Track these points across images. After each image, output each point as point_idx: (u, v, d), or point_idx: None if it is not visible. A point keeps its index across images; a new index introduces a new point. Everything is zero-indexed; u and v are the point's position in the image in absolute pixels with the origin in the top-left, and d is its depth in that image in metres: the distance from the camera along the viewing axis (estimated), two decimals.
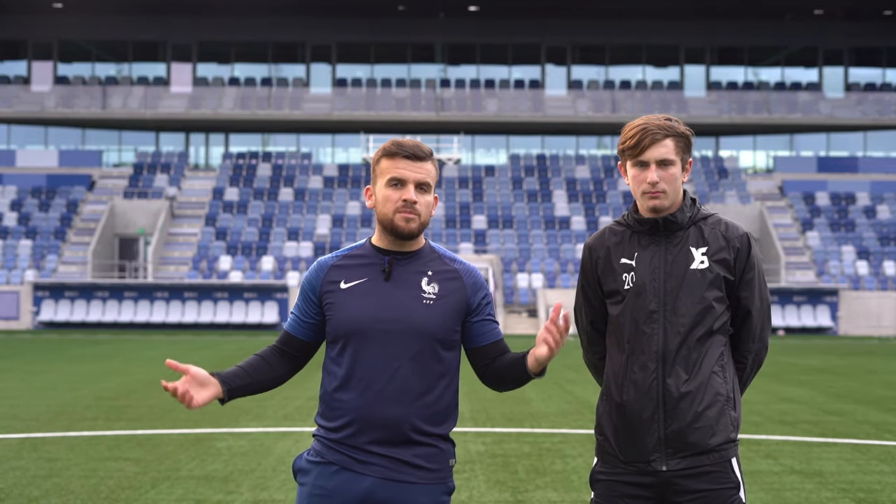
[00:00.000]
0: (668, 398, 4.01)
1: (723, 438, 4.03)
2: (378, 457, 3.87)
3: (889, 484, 9.96)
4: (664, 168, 4.06)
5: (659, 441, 4.02)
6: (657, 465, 4.02)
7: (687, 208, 4.13)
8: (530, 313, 48.88)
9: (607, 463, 4.13)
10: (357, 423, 3.88)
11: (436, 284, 3.93)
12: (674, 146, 4.06)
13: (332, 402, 3.94)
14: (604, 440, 4.14)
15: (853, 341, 42.26)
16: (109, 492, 9.25)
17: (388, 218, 3.91)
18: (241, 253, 51.66)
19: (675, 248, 4.09)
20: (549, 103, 60.20)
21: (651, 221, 4.09)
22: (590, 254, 4.21)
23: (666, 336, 4.02)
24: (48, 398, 16.89)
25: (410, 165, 3.91)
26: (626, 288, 4.09)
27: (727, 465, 4.04)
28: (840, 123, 59.93)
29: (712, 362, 4.04)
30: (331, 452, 3.92)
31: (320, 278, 3.99)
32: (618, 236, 4.17)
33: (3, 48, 61.54)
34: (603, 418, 4.15)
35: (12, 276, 49.06)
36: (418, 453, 3.89)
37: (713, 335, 4.05)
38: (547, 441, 12.51)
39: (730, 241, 4.10)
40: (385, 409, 3.86)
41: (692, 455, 4.01)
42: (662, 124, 4.07)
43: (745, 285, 4.10)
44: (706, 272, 4.05)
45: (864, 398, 18.09)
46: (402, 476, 3.87)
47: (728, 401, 4.06)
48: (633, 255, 4.12)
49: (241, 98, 59.71)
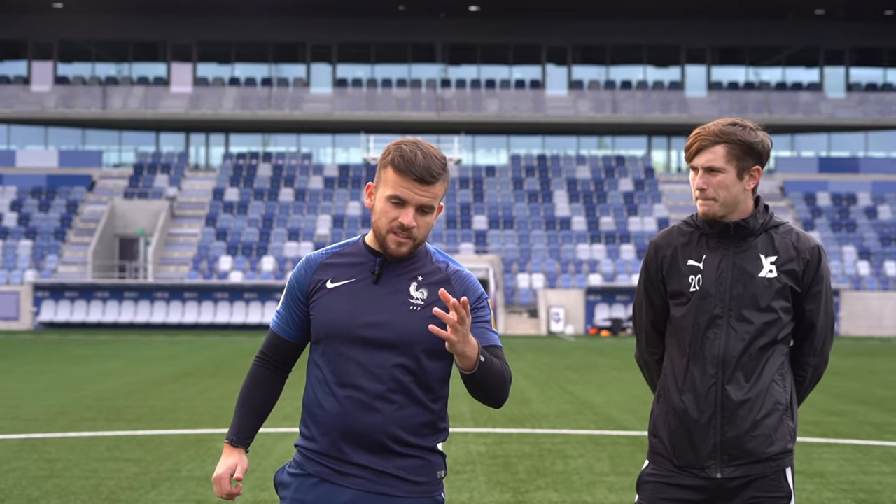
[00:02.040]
0: (726, 404, 3.96)
1: (780, 448, 3.99)
2: (359, 468, 3.70)
3: (890, 484, 9.94)
4: (712, 174, 3.99)
5: (715, 447, 3.97)
6: (712, 471, 3.97)
7: (759, 215, 4.06)
8: (531, 314, 48.86)
9: (659, 466, 4.06)
10: (337, 433, 3.70)
11: (425, 290, 3.73)
12: (724, 153, 3.99)
13: (312, 409, 3.77)
14: (658, 442, 4.08)
15: (854, 342, 42.25)
16: (110, 492, 9.23)
17: (380, 233, 3.72)
18: (241, 253, 51.65)
19: (744, 254, 4.03)
20: (549, 103, 60.19)
21: (722, 225, 4.03)
22: (656, 252, 4.13)
23: (728, 342, 3.97)
24: (48, 399, 16.87)
25: (416, 188, 3.66)
26: (692, 290, 4.02)
27: (781, 475, 4.00)
28: (841, 124, 59.92)
29: (773, 371, 3.99)
30: (310, 464, 3.75)
31: (309, 276, 3.80)
32: (686, 237, 4.10)
33: (3, 48, 61.54)
34: (659, 420, 4.08)
35: (12, 276, 49.05)
36: (402, 465, 3.70)
37: (776, 344, 4.00)
38: (548, 442, 12.50)
39: (800, 252, 4.04)
40: (365, 419, 3.67)
41: (748, 463, 3.96)
42: (716, 130, 4.01)
43: (812, 298, 4.04)
44: (774, 281, 4.00)
45: (865, 399, 18.08)
46: (384, 489, 3.69)
47: (787, 410, 4.01)
48: (701, 257, 4.04)
49: (241, 98, 59.71)
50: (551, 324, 47.67)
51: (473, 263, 49.81)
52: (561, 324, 47.64)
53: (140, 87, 60.29)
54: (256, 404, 3.91)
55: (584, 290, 48.25)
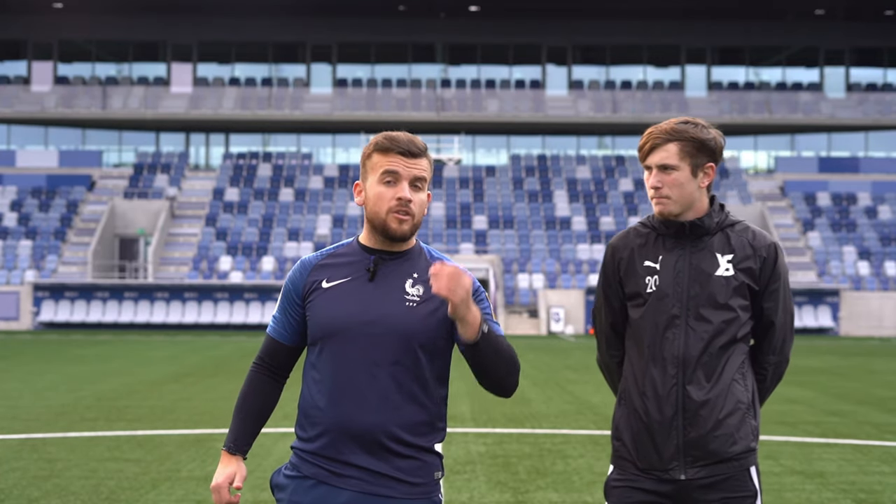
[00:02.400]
0: (688, 405, 3.93)
1: (743, 447, 3.96)
2: (356, 469, 3.67)
3: (890, 485, 9.94)
4: (666, 173, 3.98)
5: (678, 448, 3.94)
6: (675, 473, 3.94)
7: (715, 213, 4.04)
8: (531, 314, 48.86)
9: (624, 470, 4.03)
10: (333, 433, 3.68)
11: (421, 286, 3.71)
12: (677, 151, 3.97)
13: (308, 409, 3.74)
14: (621, 446, 4.05)
15: (854, 342, 42.24)
16: (110, 492, 9.23)
17: (379, 217, 3.71)
18: (241, 253, 51.64)
19: (700, 253, 4.01)
20: (549, 103, 60.18)
21: (677, 224, 4.01)
22: (613, 254, 4.12)
23: (687, 342, 3.95)
24: (48, 399, 16.87)
25: (405, 161, 3.69)
26: (649, 291, 4.00)
27: (746, 474, 3.97)
28: (841, 124, 59.92)
29: (733, 370, 3.96)
30: (307, 466, 3.73)
31: (304, 278, 3.79)
32: (642, 238, 4.09)
33: (3, 48, 61.54)
34: (621, 423, 4.06)
35: (12, 276, 49.05)
36: (399, 466, 3.67)
37: (735, 343, 3.97)
38: (548, 442, 12.49)
39: (756, 250, 4.01)
40: (362, 419, 3.65)
41: (712, 463, 3.93)
42: (668, 128, 3.99)
43: (770, 296, 4.02)
44: (731, 279, 3.98)
45: (865, 399, 18.08)
46: (381, 490, 3.67)
47: (749, 409, 3.99)
48: (658, 258, 4.03)
49: (241, 98, 59.71)
50: (551, 324, 47.67)
51: (473, 263, 49.79)
52: (561, 324, 47.64)
53: (140, 87, 60.29)
54: (254, 411, 3.89)
55: (584, 290, 48.25)
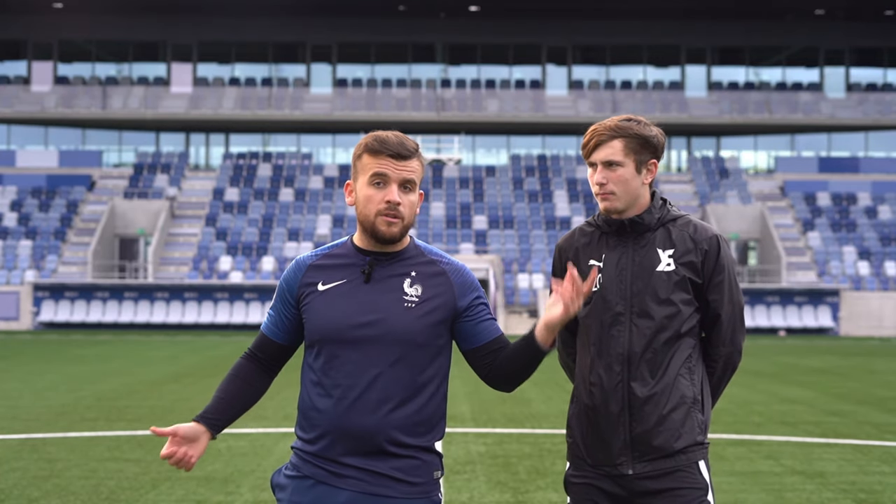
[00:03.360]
0: (633, 401, 3.96)
1: (688, 441, 3.97)
2: (355, 469, 3.68)
3: (890, 485, 9.94)
4: (611, 169, 3.99)
5: (625, 444, 3.97)
6: (624, 468, 3.97)
7: (656, 209, 4.06)
8: (531, 314, 48.87)
9: (577, 466, 4.07)
10: (332, 434, 3.69)
11: (419, 286, 3.72)
12: (622, 147, 3.99)
13: (307, 411, 3.75)
14: (573, 443, 4.09)
15: (854, 342, 42.24)
16: (110, 492, 9.23)
17: (369, 220, 3.71)
18: (241, 253, 51.65)
19: (642, 249, 4.03)
20: (549, 103, 60.19)
21: (618, 223, 4.03)
22: (559, 255, 4.16)
23: (632, 339, 3.97)
24: (48, 399, 16.87)
25: (395, 163, 3.69)
26: (594, 290, 4.02)
27: (694, 467, 3.98)
28: (841, 124, 59.92)
29: (679, 365, 3.98)
30: (307, 466, 3.73)
31: (298, 278, 3.82)
32: (587, 237, 4.12)
33: (3, 48, 61.54)
34: (572, 420, 4.10)
35: (12, 276, 49.05)
36: (398, 466, 3.69)
37: (681, 338, 3.99)
38: (548, 442, 12.50)
39: (698, 244, 4.02)
40: (361, 420, 3.66)
41: (658, 458, 3.96)
42: (612, 125, 4.02)
43: (714, 288, 4.02)
44: (672, 274, 3.99)
45: (865, 399, 18.07)
46: (381, 490, 3.68)
47: (695, 403, 3.99)
48: (601, 256, 4.06)
49: (241, 98, 59.71)
50: None
51: (473, 263, 49.78)
52: None
53: (140, 87, 60.29)
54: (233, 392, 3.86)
55: None
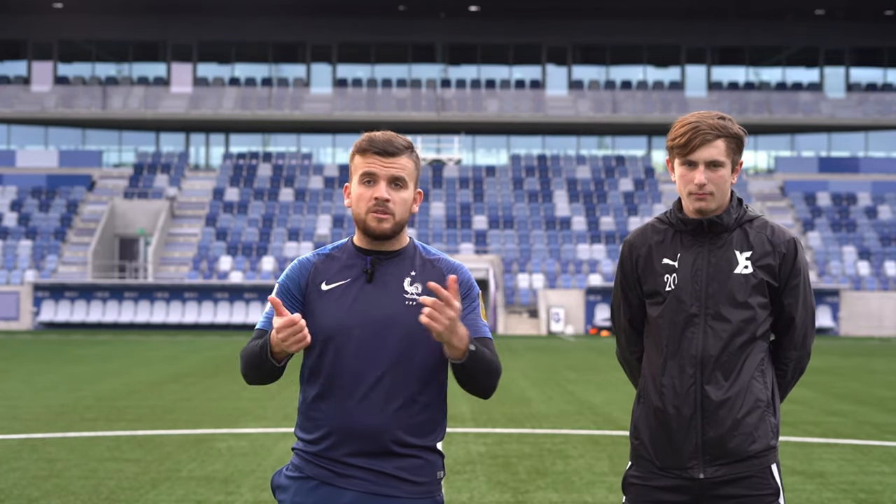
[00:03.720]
0: (706, 404, 3.91)
1: (763, 445, 3.94)
2: (359, 469, 3.67)
3: (890, 485, 9.94)
4: (713, 170, 3.92)
5: (697, 447, 3.92)
6: (694, 472, 3.92)
7: (733, 210, 4.00)
8: (531, 314, 48.85)
9: (642, 468, 4.02)
10: (336, 435, 3.68)
11: (419, 285, 3.74)
12: (725, 147, 3.93)
13: (309, 412, 3.74)
14: (639, 444, 4.03)
15: (854, 342, 42.24)
16: (109, 492, 9.22)
17: (360, 217, 3.74)
18: (241, 253, 51.65)
19: (720, 250, 3.97)
20: (549, 103, 60.18)
21: (696, 222, 3.97)
22: (630, 251, 4.07)
23: (706, 341, 3.91)
24: (48, 399, 16.87)
25: (382, 161, 3.72)
26: (668, 290, 3.96)
27: (767, 472, 3.95)
28: (841, 124, 59.92)
29: (752, 368, 3.93)
30: (309, 467, 3.72)
31: (305, 276, 3.79)
32: (660, 235, 4.04)
33: (3, 48, 61.53)
34: (640, 422, 4.04)
35: (12, 276, 49.04)
36: (402, 465, 3.68)
37: (755, 341, 3.94)
38: (548, 442, 12.49)
39: (776, 247, 3.98)
40: (366, 420, 3.66)
41: (731, 462, 3.91)
42: (715, 123, 3.93)
43: (790, 292, 3.99)
44: (750, 277, 3.94)
45: (865, 399, 18.07)
46: (385, 490, 3.67)
47: (768, 407, 3.96)
48: (676, 255, 3.99)
49: (241, 98, 59.70)
50: (551, 324, 47.66)
51: (473, 263, 49.77)
52: (561, 324, 47.63)
53: (140, 87, 60.28)
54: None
55: (584, 290, 48.25)
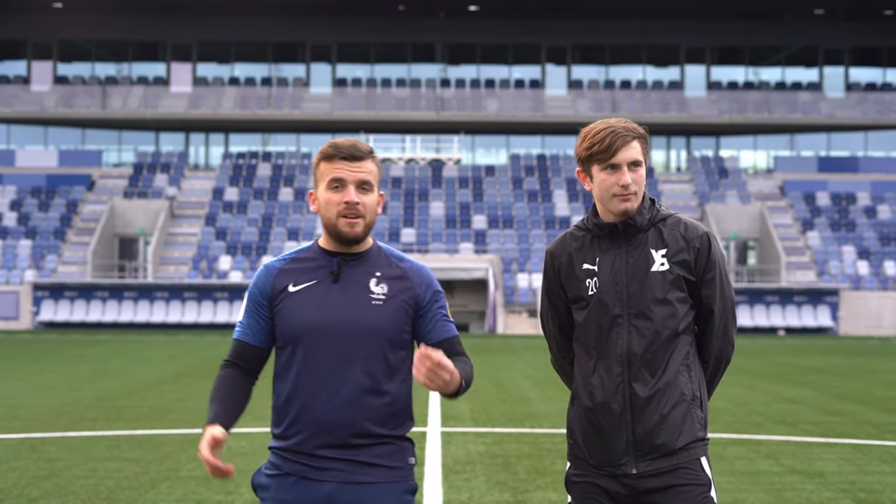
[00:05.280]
0: (634, 401, 4.00)
1: (689, 438, 4.02)
2: (334, 461, 3.80)
3: (890, 484, 9.94)
4: (634, 170, 4.03)
5: (628, 444, 4.01)
6: (627, 468, 4.01)
7: (646, 210, 4.09)
8: (530, 313, 48.87)
9: (579, 467, 4.12)
10: (309, 429, 3.81)
11: (385, 285, 3.86)
12: (640, 147, 4.05)
13: (285, 409, 3.86)
14: (574, 444, 4.13)
15: (854, 341, 42.25)
16: (109, 492, 9.23)
17: (331, 222, 3.84)
18: (241, 253, 51.66)
19: (636, 251, 4.07)
20: (549, 103, 60.20)
21: (611, 226, 4.07)
22: (552, 260, 4.18)
23: (631, 340, 4.01)
24: (48, 398, 16.88)
25: (349, 166, 3.85)
26: (590, 294, 4.06)
27: (696, 464, 4.02)
28: (841, 123, 59.93)
29: (678, 363, 4.03)
30: (287, 464, 3.84)
31: (270, 282, 3.90)
32: (579, 241, 4.13)
33: (3, 48, 61.53)
34: (573, 423, 4.14)
35: (12, 276, 49.05)
36: (376, 453, 3.82)
37: (679, 336, 4.04)
38: (547, 441, 12.50)
39: (689, 242, 4.07)
40: (337, 415, 3.78)
41: (661, 456, 4.00)
42: (628, 126, 4.05)
43: (707, 284, 4.08)
44: (667, 274, 4.04)
45: (864, 398, 18.08)
46: (361, 478, 3.80)
47: (694, 400, 4.04)
48: (595, 259, 4.09)
49: (241, 98, 59.71)
50: None
51: (473, 263, 49.82)
52: None
53: (140, 86, 60.29)
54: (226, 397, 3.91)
55: None
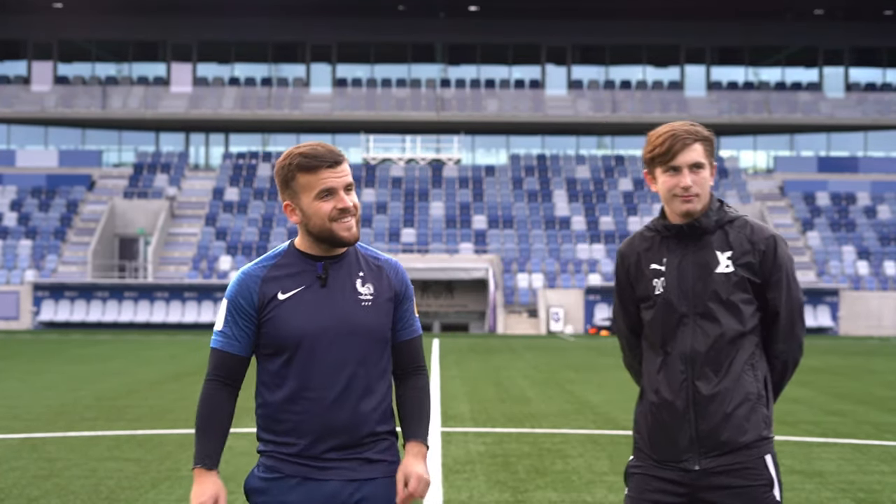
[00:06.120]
0: (698, 399, 4.09)
1: (754, 436, 4.09)
2: (340, 461, 3.84)
3: (889, 484, 9.95)
4: (696, 172, 4.13)
5: (692, 441, 4.09)
6: (690, 464, 4.10)
7: (713, 212, 4.21)
8: (530, 313, 48.87)
9: (642, 460, 4.22)
10: (315, 434, 3.82)
11: (370, 284, 3.91)
12: (702, 150, 4.15)
13: (281, 415, 3.85)
14: (639, 438, 4.23)
15: (854, 341, 42.25)
16: (109, 492, 9.24)
17: (326, 229, 3.83)
18: (241, 253, 51.66)
19: (701, 252, 4.16)
20: (549, 103, 60.19)
21: (677, 227, 4.18)
22: (622, 260, 4.30)
23: (695, 339, 4.10)
24: (48, 398, 16.88)
25: (334, 172, 3.83)
26: (657, 293, 4.17)
27: (760, 462, 4.09)
28: (840, 123, 59.94)
29: (742, 362, 4.10)
30: (288, 466, 3.85)
31: (256, 291, 3.87)
32: (647, 242, 4.24)
33: (3, 48, 61.54)
34: (639, 417, 4.24)
35: (12, 276, 49.05)
36: (378, 449, 3.88)
37: (744, 337, 4.12)
38: (547, 441, 12.50)
39: (755, 245, 4.17)
40: (344, 418, 3.83)
41: (725, 453, 4.07)
42: (690, 129, 4.15)
43: (773, 286, 4.16)
44: (731, 276, 4.13)
45: (864, 398, 18.08)
46: (364, 474, 3.86)
47: (759, 399, 4.12)
48: (662, 260, 4.19)
49: (241, 98, 59.71)
50: (551, 323, 47.68)
51: (473, 263, 49.82)
52: (560, 323, 47.65)
53: (140, 86, 60.29)
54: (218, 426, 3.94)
55: (584, 290, 48.26)
